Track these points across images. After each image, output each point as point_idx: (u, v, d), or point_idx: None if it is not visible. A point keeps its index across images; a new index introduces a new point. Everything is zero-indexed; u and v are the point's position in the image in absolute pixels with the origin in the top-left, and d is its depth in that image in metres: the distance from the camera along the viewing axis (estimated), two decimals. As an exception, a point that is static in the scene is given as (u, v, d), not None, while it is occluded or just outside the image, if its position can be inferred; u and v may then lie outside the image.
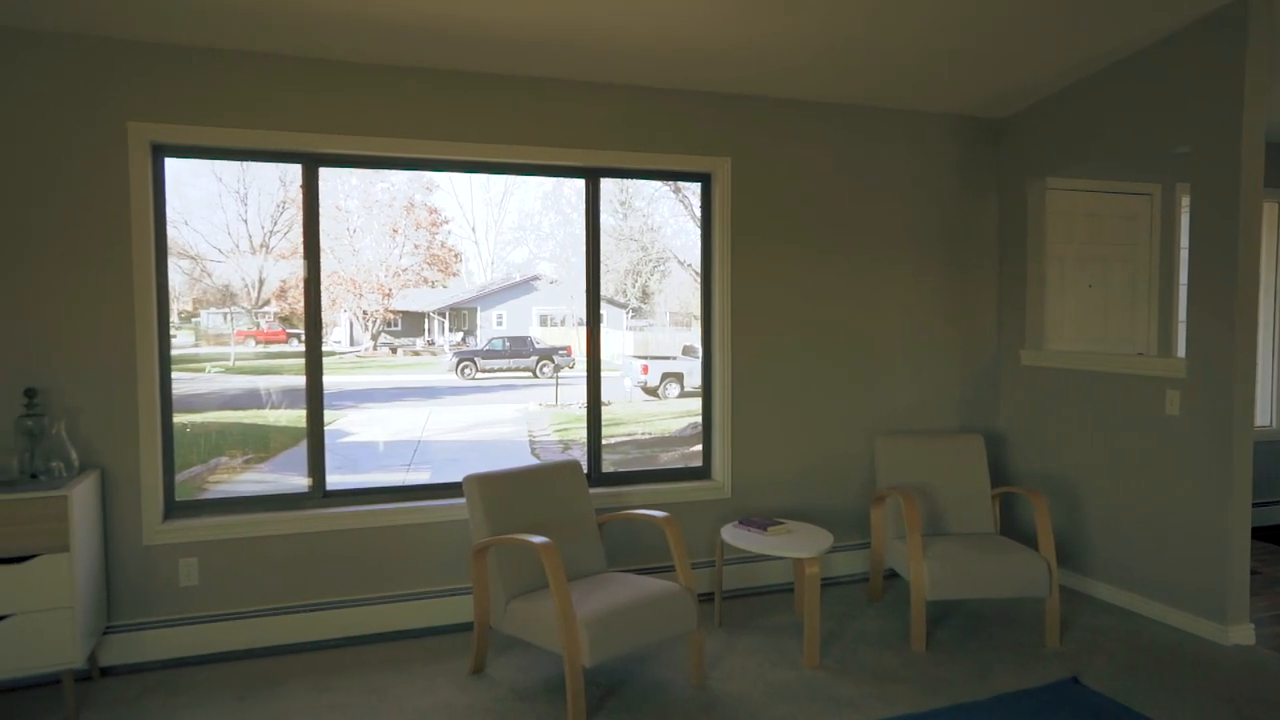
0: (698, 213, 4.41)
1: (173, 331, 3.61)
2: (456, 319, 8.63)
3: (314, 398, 3.78)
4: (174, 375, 3.61)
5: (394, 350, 8.37)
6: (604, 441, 4.25)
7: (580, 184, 4.13)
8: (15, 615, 2.93)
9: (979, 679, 3.36)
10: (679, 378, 8.38)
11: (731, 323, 4.29)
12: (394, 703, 3.16)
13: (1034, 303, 4.64)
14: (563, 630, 2.89)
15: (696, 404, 4.47)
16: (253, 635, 3.61)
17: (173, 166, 3.57)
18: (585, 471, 4.15)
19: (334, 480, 3.85)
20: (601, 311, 4.22)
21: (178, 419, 3.66)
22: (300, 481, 3.81)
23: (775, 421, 4.40)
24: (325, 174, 3.73)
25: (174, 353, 3.61)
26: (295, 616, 3.66)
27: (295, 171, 3.70)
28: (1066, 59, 3.96)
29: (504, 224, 8.31)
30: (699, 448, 4.46)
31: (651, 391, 8.34)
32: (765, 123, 4.28)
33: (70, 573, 2.99)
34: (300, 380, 3.79)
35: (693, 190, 4.45)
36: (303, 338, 3.81)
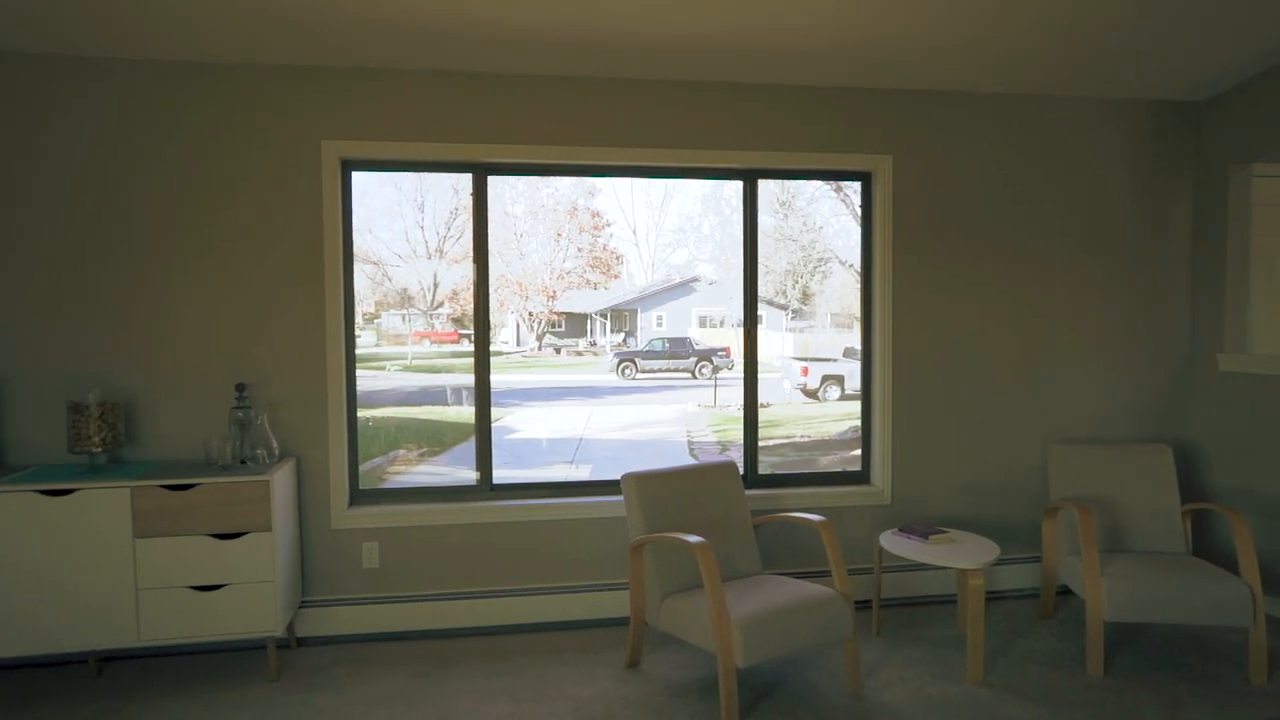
0: (859, 212, 4.32)
1: (357, 332, 3.92)
2: (618, 320, 8.83)
3: (481, 395, 3.99)
4: (358, 373, 3.92)
5: (558, 350, 8.66)
6: (762, 444, 4.24)
7: (739, 185, 4.15)
8: (229, 585, 3.29)
9: (1165, 712, 3.10)
10: (839, 380, 8.20)
11: (893, 323, 4.17)
12: (555, 690, 3.30)
13: (1235, 302, 4.22)
14: (717, 630, 2.91)
15: (857, 407, 4.38)
16: (427, 618, 3.86)
17: (358, 178, 3.87)
18: (741, 473, 4.16)
19: (501, 475, 4.05)
20: (760, 313, 4.21)
21: (361, 413, 3.97)
22: (470, 475, 4.04)
23: (938, 426, 4.24)
24: (494, 181, 3.93)
25: (358, 352, 3.92)
26: (465, 602, 3.88)
27: (467, 180, 3.92)
28: None
29: (664, 226, 8.43)
30: (859, 452, 4.36)
31: (811, 394, 8.21)
32: (929, 118, 4.14)
33: (272, 550, 3.31)
34: (470, 379, 4.01)
35: (854, 189, 4.36)
36: (473, 338, 4.03)
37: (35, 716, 3.11)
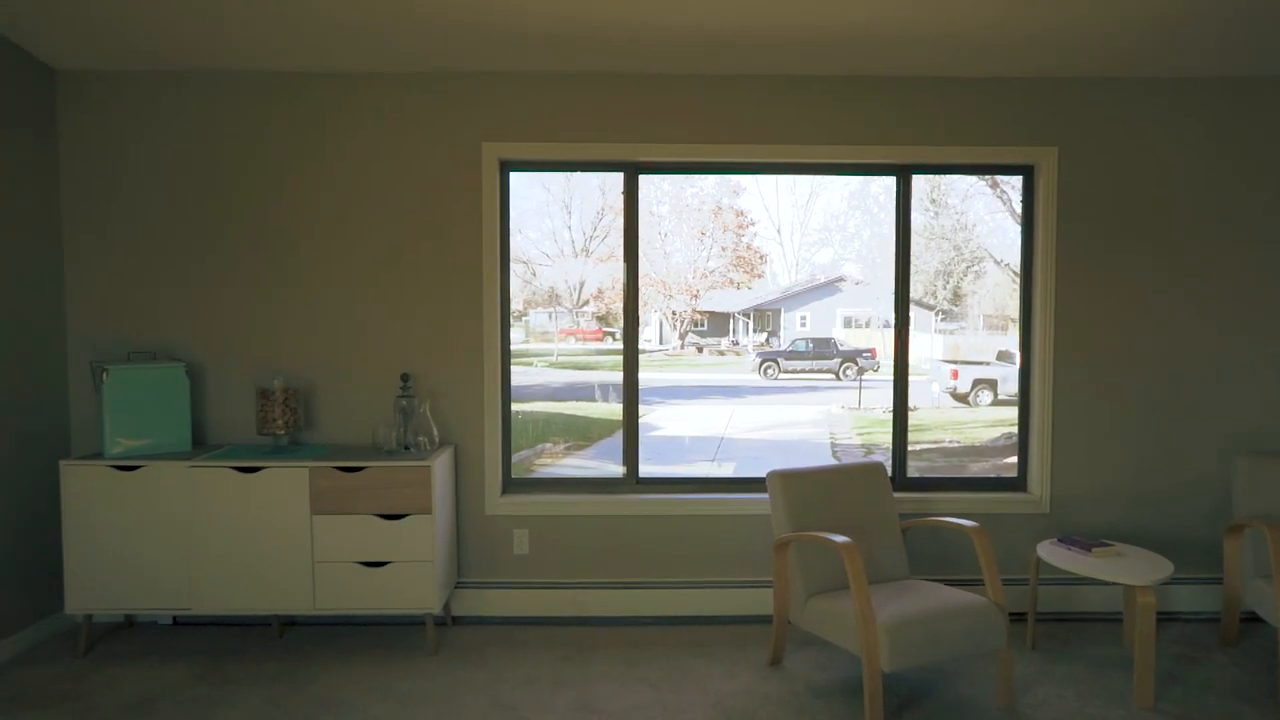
0: (1017, 208, 4.13)
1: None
2: (760, 320, 8.79)
3: (630, 391, 4.08)
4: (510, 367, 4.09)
5: (700, 349, 8.72)
6: (909, 448, 4.13)
7: (889, 182, 4.05)
8: (393, 563, 3.51)
9: (1370, 752, 2.81)
10: (992, 384, 7.85)
11: (1055, 325, 3.96)
12: (696, 683, 3.33)
13: None
14: (862, 632, 2.87)
15: (1010, 413, 4.19)
16: (571, 605, 3.98)
17: (513, 179, 4.04)
18: (889, 475, 4.06)
19: (644, 470, 4.13)
20: (909, 313, 4.10)
21: (512, 406, 4.14)
22: (614, 469, 4.14)
23: (1103, 433, 3.99)
24: (640, 181, 4.01)
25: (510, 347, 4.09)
26: (608, 592, 3.98)
27: (612, 181, 4.02)
28: None
29: (809, 225, 8.32)
30: (1013, 459, 4.17)
31: (961, 398, 7.91)
32: (1101, 106, 3.90)
33: (432, 532, 3.51)
34: (614, 376, 4.11)
35: (1011, 184, 4.17)
36: (617, 336, 4.13)
37: (227, 670, 3.43)
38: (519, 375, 4.11)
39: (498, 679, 3.36)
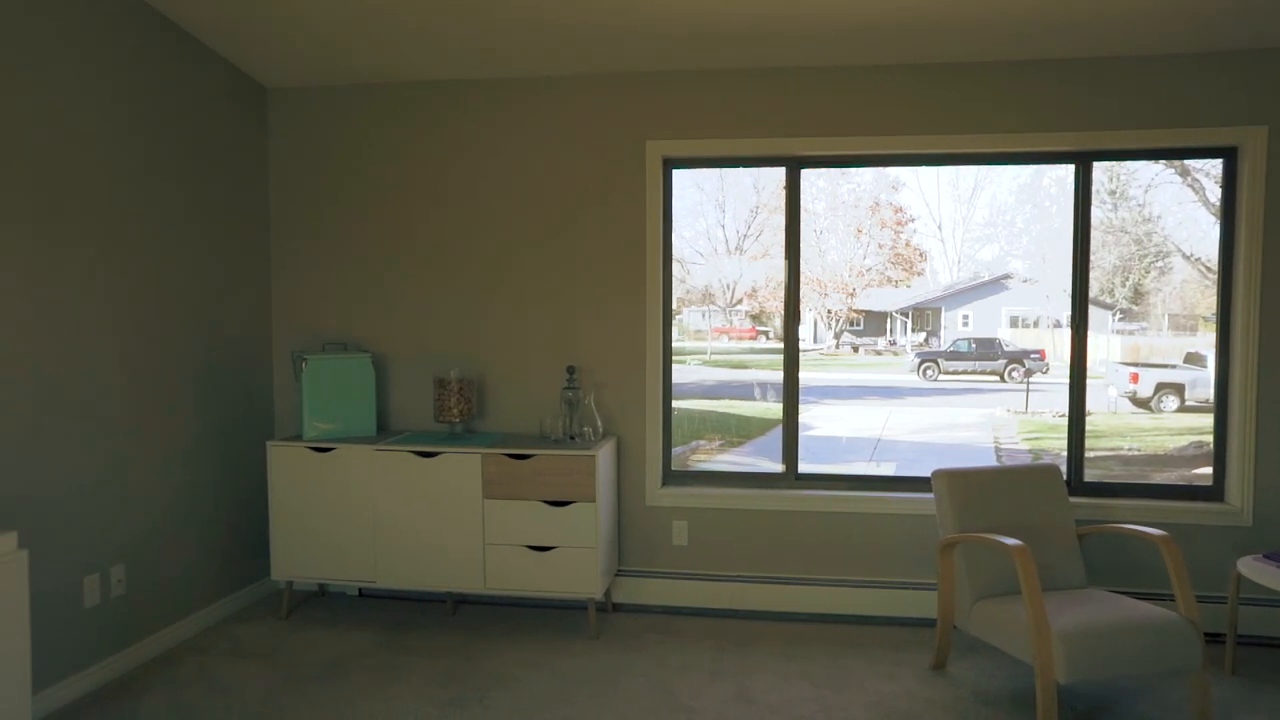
0: (1211, 197, 3.82)
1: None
2: (919, 319, 8.51)
3: (790, 387, 4.07)
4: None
5: (855, 349, 8.54)
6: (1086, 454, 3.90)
7: (1061, 173, 3.84)
8: (558, 548, 3.66)
9: None
10: (1178, 389, 7.26)
11: (1260, 325, 3.64)
12: (856, 682, 3.29)
13: None
14: (1036, 640, 2.74)
15: (1200, 420, 3.89)
16: (727, 597, 4.02)
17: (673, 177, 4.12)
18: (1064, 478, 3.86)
19: (802, 468, 4.10)
20: (1088, 312, 3.88)
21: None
22: (769, 467, 4.13)
23: (1318, 442, 3.63)
24: (801, 175, 3.99)
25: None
26: (766, 587, 3.99)
27: (766, 178, 4.02)
28: None
29: (973, 220, 7.97)
30: (1205, 469, 3.86)
31: (1142, 403, 7.35)
32: (1316, 81, 3.56)
33: (595, 519, 3.63)
34: (767, 375, 4.11)
35: (1206, 171, 3.86)
36: (770, 334, 4.13)
37: (406, 640, 3.68)
38: (674, 373, 4.18)
39: (657, 665, 3.44)
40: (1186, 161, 4.17)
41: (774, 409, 4.14)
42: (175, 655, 3.53)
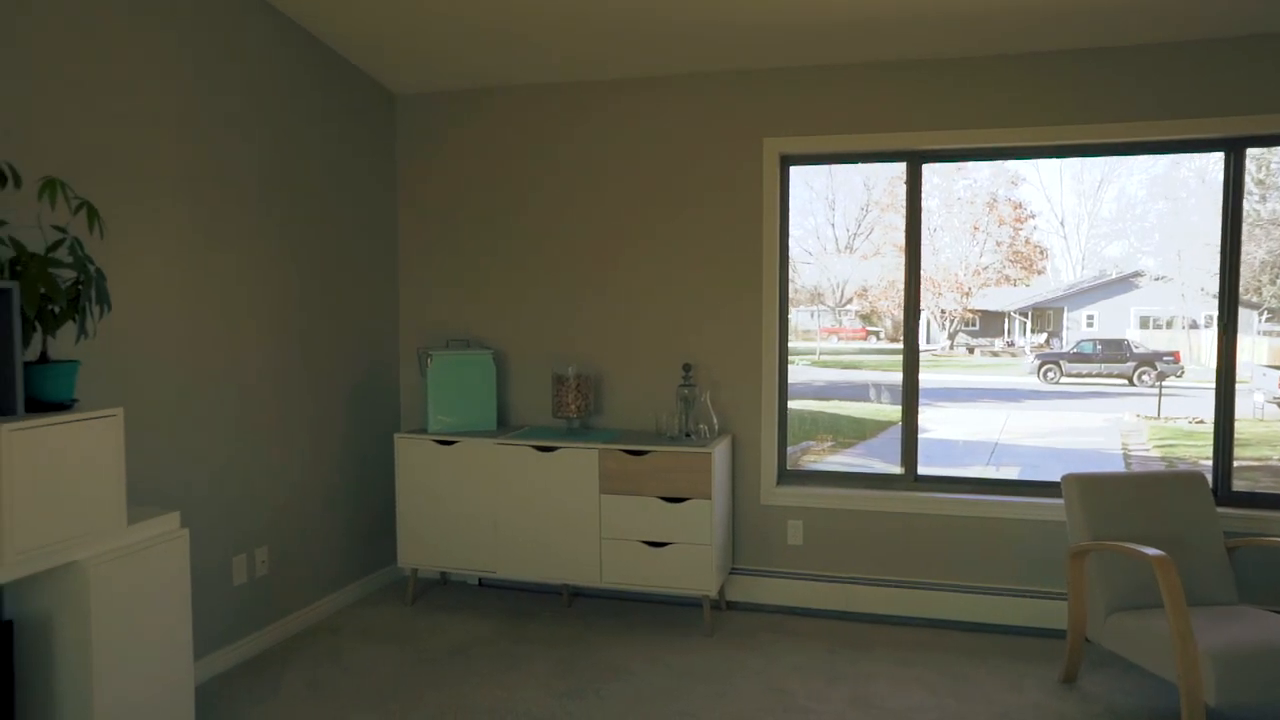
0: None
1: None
2: (1039, 319, 8.18)
3: (909, 388, 3.97)
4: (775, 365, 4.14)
5: (971, 350, 8.28)
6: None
7: (1200, 164, 3.63)
8: (673, 544, 3.69)
9: None
10: (1332, 396, 6.73)
11: None
12: (979, 692, 3.19)
13: None
14: (1180, 657, 2.61)
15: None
16: (842, 599, 3.96)
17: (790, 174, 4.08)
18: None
19: (921, 470, 4.01)
20: (1237, 311, 3.65)
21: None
22: (883, 467, 4.05)
23: None
24: (923, 170, 3.90)
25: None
26: (882, 589, 3.91)
27: (877, 176, 3.93)
28: None
29: (1098, 216, 7.61)
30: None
31: (1291, 410, 6.86)
32: None
33: (710, 517, 3.65)
34: (879, 375, 4.03)
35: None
36: (881, 334, 4.05)
37: (525, 629, 3.79)
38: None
39: (771, 664, 3.42)
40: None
41: (885, 410, 4.07)
42: (311, 634, 3.73)
